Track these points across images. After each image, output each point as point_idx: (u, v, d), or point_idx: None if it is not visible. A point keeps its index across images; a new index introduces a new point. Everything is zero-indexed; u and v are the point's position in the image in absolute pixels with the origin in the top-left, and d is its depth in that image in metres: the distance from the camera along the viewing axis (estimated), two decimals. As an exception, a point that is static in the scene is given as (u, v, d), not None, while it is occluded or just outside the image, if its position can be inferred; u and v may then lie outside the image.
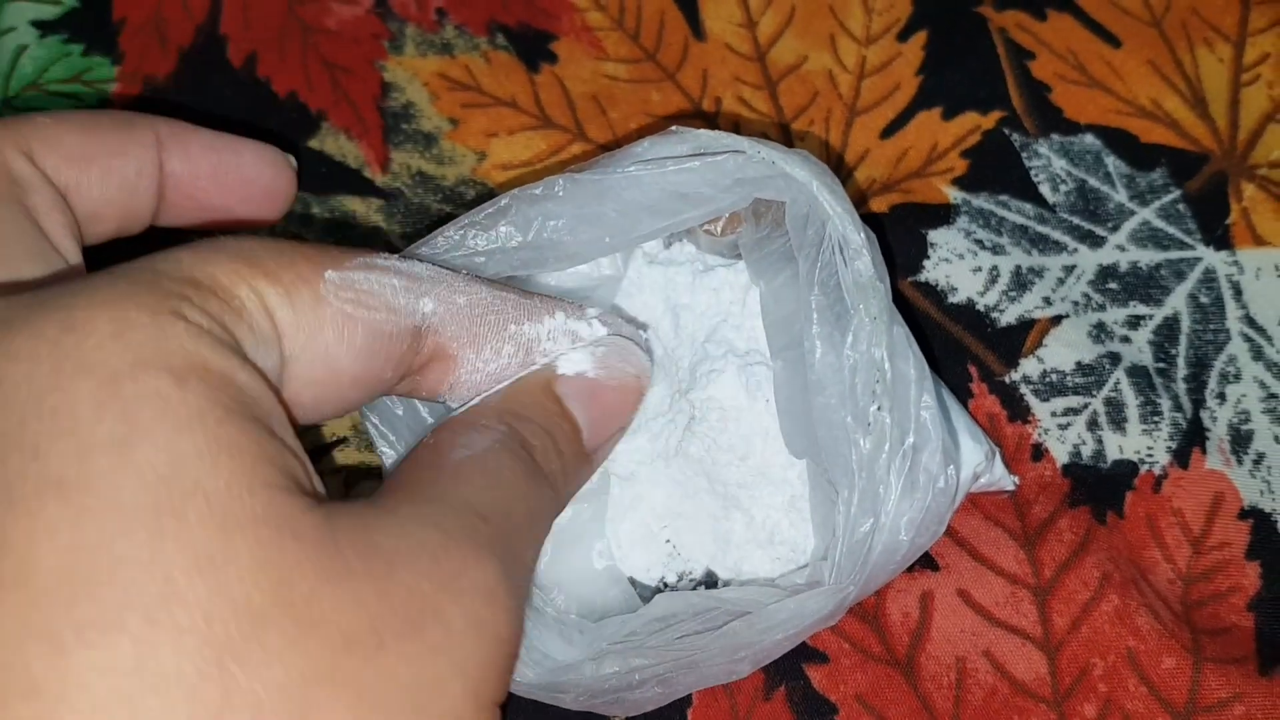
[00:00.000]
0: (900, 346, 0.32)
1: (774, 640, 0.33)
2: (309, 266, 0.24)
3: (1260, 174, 0.47)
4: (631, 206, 0.35)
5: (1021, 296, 0.45)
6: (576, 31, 0.51)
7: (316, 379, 0.24)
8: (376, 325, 0.25)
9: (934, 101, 0.49)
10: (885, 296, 0.33)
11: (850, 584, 0.32)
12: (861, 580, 0.32)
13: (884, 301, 0.33)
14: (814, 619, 0.32)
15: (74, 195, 0.26)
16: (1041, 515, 0.42)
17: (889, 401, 0.31)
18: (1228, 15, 0.51)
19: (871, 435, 0.32)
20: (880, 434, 0.31)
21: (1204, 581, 0.41)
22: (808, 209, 0.34)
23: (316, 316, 0.23)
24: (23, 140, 0.25)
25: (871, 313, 0.32)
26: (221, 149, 0.28)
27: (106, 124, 0.26)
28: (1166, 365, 0.44)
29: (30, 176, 0.25)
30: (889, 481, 0.31)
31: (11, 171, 0.24)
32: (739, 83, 0.50)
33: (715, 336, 0.42)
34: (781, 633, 0.32)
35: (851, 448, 0.32)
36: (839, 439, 0.33)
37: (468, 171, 0.48)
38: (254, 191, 0.29)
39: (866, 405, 0.32)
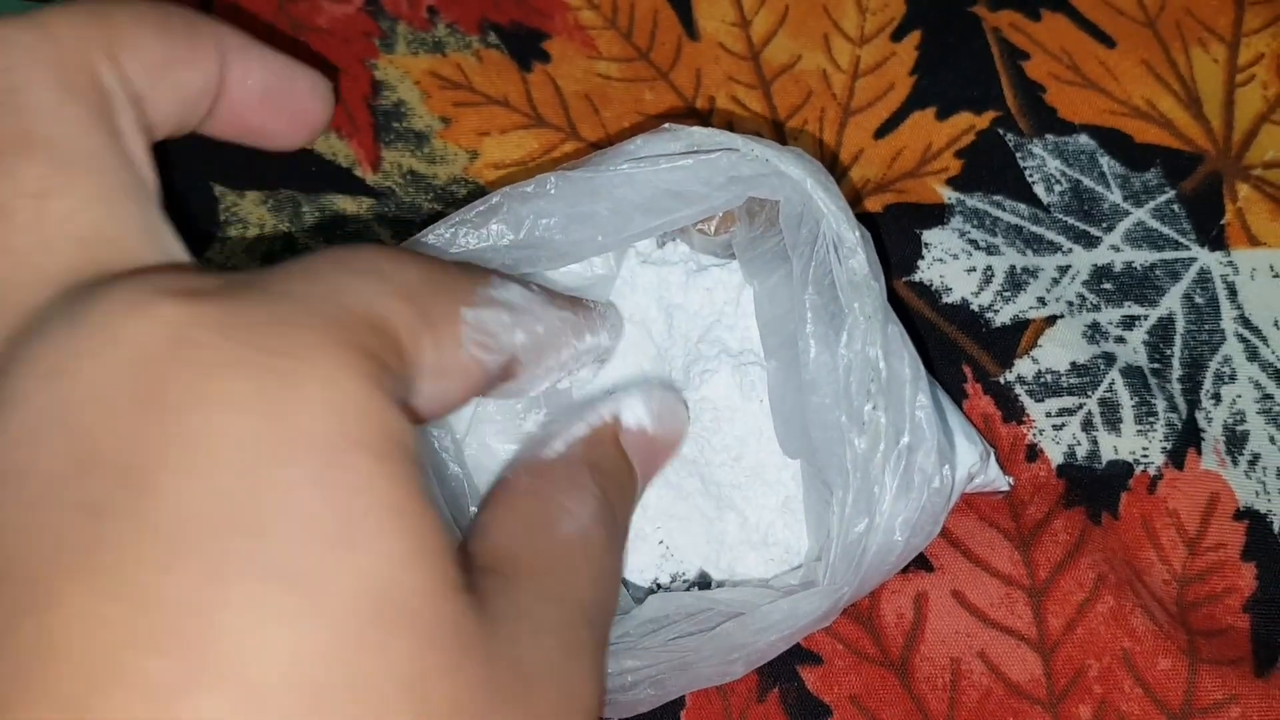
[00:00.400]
0: (895, 345, 0.32)
1: (768, 641, 0.32)
2: (450, 302, 0.23)
3: (1255, 174, 0.47)
4: (624, 205, 0.34)
5: (1016, 297, 0.45)
6: (569, 30, 0.50)
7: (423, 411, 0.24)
8: (490, 366, 0.24)
9: (928, 101, 0.49)
10: (880, 295, 0.33)
11: (845, 585, 0.32)
12: (856, 581, 0.32)
13: (878, 300, 0.32)
14: (808, 620, 0.32)
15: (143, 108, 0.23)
16: (1036, 516, 0.42)
17: (884, 400, 0.31)
18: (1222, 16, 0.50)
19: (866, 435, 0.31)
20: (875, 433, 0.31)
21: (1200, 582, 0.41)
22: (801, 208, 0.34)
23: (454, 360, 0.23)
24: (108, 41, 0.22)
25: (866, 311, 0.32)
26: (279, 72, 0.26)
27: (179, 27, 0.24)
28: (1161, 366, 0.44)
29: (117, 90, 0.22)
30: (884, 481, 0.31)
31: (102, 83, 0.22)
32: (732, 82, 0.49)
33: (709, 336, 0.42)
34: (775, 634, 0.32)
35: (846, 447, 0.32)
36: (833, 439, 0.32)
37: (459, 170, 0.48)
38: (296, 121, 0.27)
39: (861, 405, 0.32)
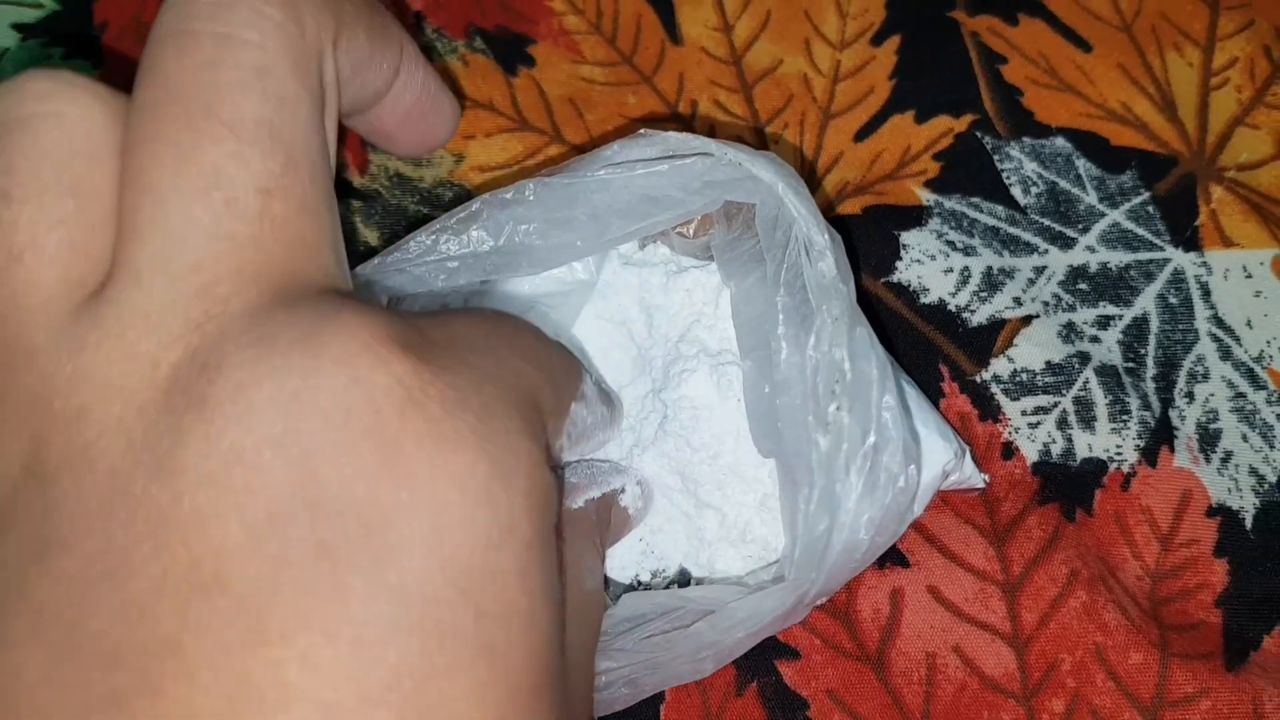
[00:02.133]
0: (862, 347, 0.33)
1: (735, 639, 0.33)
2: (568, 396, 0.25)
3: (1229, 176, 0.48)
4: (602, 210, 0.35)
5: (992, 297, 0.46)
6: (554, 35, 0.51)
7: None
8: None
9: (907, 105, 0.50)
10: (848, 297, 0.33)
11: (807, 582, 0.32)
12: (820, 578, 0.32)
13: (846, 302, 0.33)
14: (772, 616, 0.33)
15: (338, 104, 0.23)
16: (1011, 513, 0.42)
17: (849, 401, 0.32)
18: (1196, 20, 0.51)
19: (830, 435, 0.32)
20: (839, 433, 0.32)
21: (1172, 578, 0.42)
22: (776, 211, 0.35)
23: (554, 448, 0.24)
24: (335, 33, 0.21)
25: (834, 313, 0.33)
26: (433, 91, 0.26)
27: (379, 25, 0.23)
28: (1135, 365, 0.45)
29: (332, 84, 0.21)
30: (849, 480, 0.31)
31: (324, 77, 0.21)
32: (715, 86, 0.50)
33: (688, 336, 0.43)
34: (742, 630, 0.33)
35: (811, 447, 0.32)
36: (800, 438, 0.33)
37: (445, 174, 0.49)
38: (425, 137, 0.27)
39: (826, 405, 0.32)
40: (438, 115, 0.27)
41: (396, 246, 0.36)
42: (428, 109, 0.26)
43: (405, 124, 0.26)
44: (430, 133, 0.27)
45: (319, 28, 0.21)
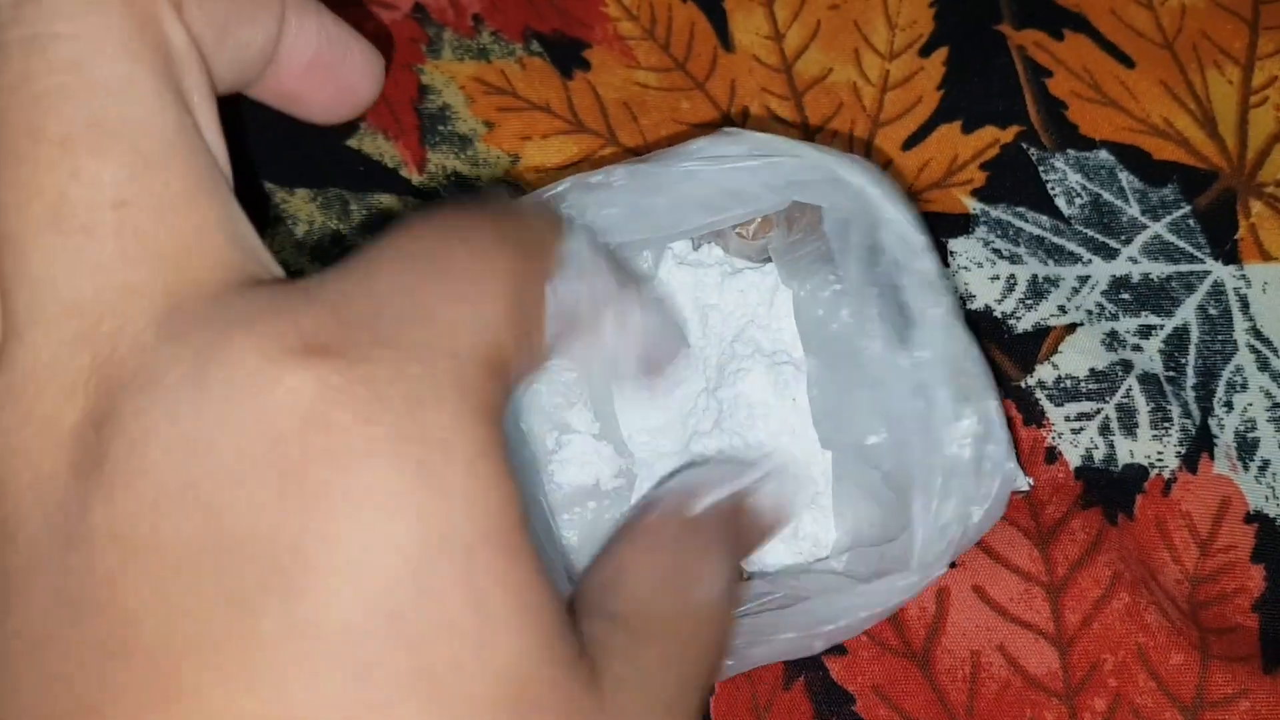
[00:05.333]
0: (969, 343, 0.34)
1: (858, 619, 0.34)
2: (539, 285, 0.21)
3: (1268, 192, 0.49)
4: (684, 200, 0.36)
5: (1037, 305, 0.47)
6: (609, 40, 0.52)
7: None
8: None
9: (954, 115, 0.51)
10: (953, 294, 0.35)
11: (937, 567, 0.34)
12: (944, 564, 0.34)
13: (953, 299, 0.34)
14: (902, 596, 0.34)
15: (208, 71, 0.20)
16: (1055, 515, 0.43)
17: (963, 394, 0.33)
18: (1237, 39, 0.52)
19: (950, 426, 0.33)
20: (956, 424, 0.33)
21: (1211, 582, 0.43)
22: (848, 215, 0.36)
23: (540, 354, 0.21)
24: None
25: (944, 306, 0.34)
26: (334, 38, 0.23)
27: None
28: (1176, 374, 0.46)
29: (185, 50, 0.19)
30: (963, 468, 0.33)
31: (169, 42, 0.18)
32: (766, 93, 0.51)
33: (742, 336, 0.44)
34: (866, 611, 0.34)
35: (925, 436, 0.34)
36: (910, 430, 0.34)
37: (501, 174, 0.50)
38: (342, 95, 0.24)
39: (944, 398, 0.33)
40: (348, 66, 0.24)
41: None
42: (334, 61, 0.23)
43: (311, 82, 0.23)
44: (346, 89, 0.24)
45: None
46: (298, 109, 0.24)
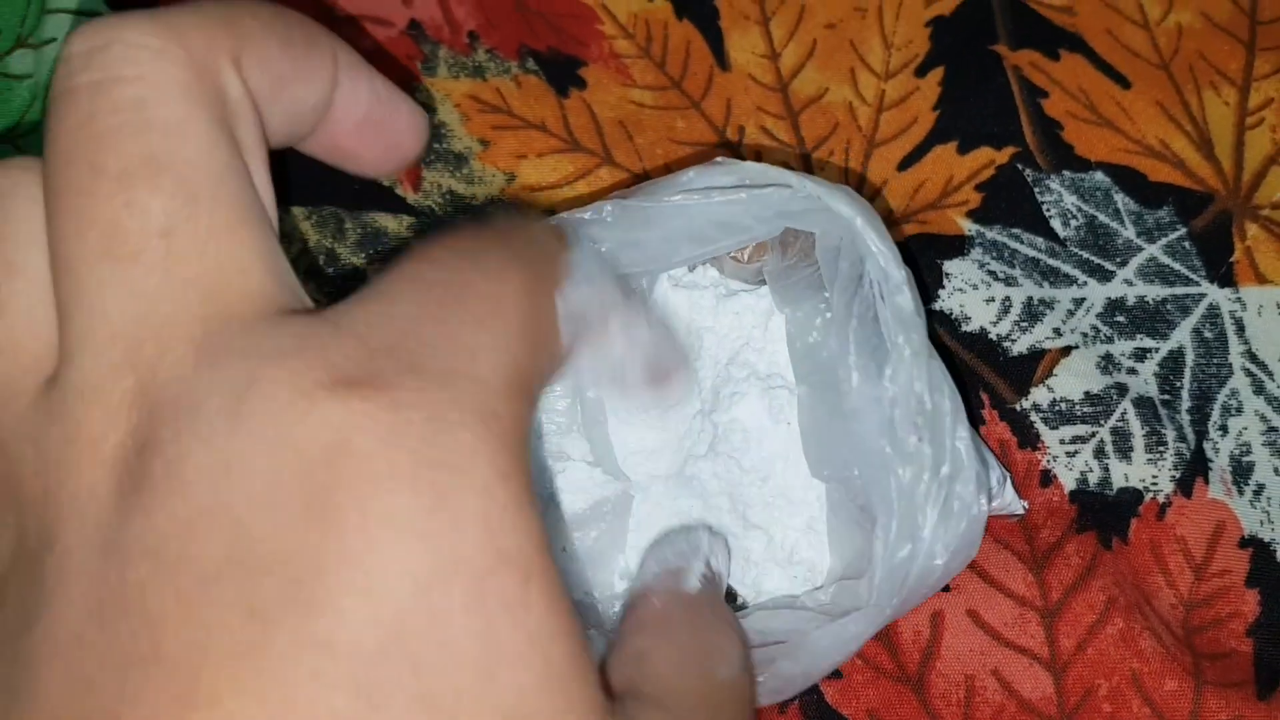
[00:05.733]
0: (937, 379, 0.34)
1: (820, 669, 0.34)
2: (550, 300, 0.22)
3: (1263, 214, 0.49)
4: (674, 233, 0.36)
5: (1033, 327, 0.47)
6: (605, 58, 0.52)
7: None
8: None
9: (950, 136, 0.51)
10: (924, 331, 0.35)
11: (889, 607, 0.33)
12: (899, 602, 0.33)
13: (923, 336, 0.34)
14: (858, 643, 0.34)
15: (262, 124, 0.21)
16: (1050, 539, 0.43)
17: (927, 433, 0.33)
18: (1233, 60, 0.52)
19: (911, 464, 0.33)
20: (919, 464, 0.33)
21: (1205, 607, 0.43)
22: (839, 242, 0.36)
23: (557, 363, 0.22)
24: (236, 49, 0.20)
25: (913, 346, 0.34)
26: (384, 97, 0.24)
27: (300, 39, 0.22)
28: (1171, 397, 0.46)
29: (241, 101, 0.20)
30: (925, 509, 0.33)
31: (225, 92, 0.20)
32: (761, 112, 0.51)
33: (738, 359, 0.44)
34: (828, 660, 0.34)
35: (890, 475, 0.33)
36: (876, 466, 0.34)
37: (497, 192, 0.49)
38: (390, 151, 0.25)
39: (906, 435, 0.33)
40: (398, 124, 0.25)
41: None
42: (384, 118, 0.25)
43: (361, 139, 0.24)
44: (396, 145, 0.25)
45: (210, 44, 0.20)
46: (348, 163, 0.25)
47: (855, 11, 0.54)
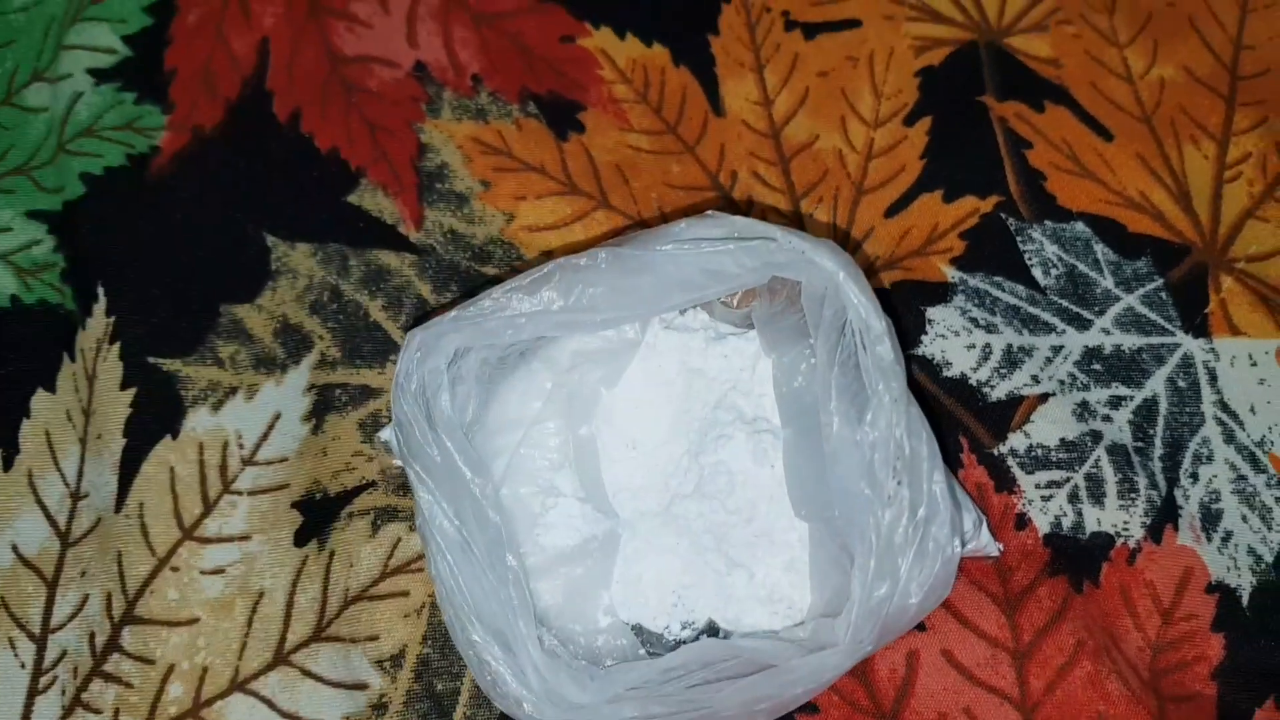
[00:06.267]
0: (915, 426, 0.35)
1: (793, 694, 0.36)
2: None
3: (1239, 267, 0.51)
4: (665, 280, 0.38)
5: (1012, 374, 0.48)
6: (603, 103, 0.54)
7: None
8: None
9: (936, 184, 0.52)
10: (904, 379, 0.36)
11: (867, 642, 0.35)
12: (876, 640, 0.35)
13: (902, 384, 0.36)
14: (833, 674, 0.35)
15: None
16: (1023, 582, 0.45)
17: (906, 477, 0.35)
18: (1213, 115, 0.54)
19: (890, 508, 0.35)
20: (897, 507, 0.35)
21: (1172, 650, 0.44)
22: (824, 290, 0.38)
23: None
24: None
25: (892, 394, 0.35)
26: None
27: None
28: (1144, 444, 0.47)
29: None
30: (903, 550, 0.34)
31: None
32: (754, 158, 0.53)
33: (724, 403, 0.45)
34: (802, 687, 0.35)
35: (869, 517, 0.35)
36: (856, 508, 0.36)
37: (496, 231, 0.51)
38: None
39: (885, 479, 0.35)
40: None
41: (471, 302, 0.39)
42: None
43: None
44: None
45: None
46: None
47: (847, 60, 0.55)
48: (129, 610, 0.45)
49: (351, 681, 0.44)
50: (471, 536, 0.38)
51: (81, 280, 0.50)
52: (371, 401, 0.48)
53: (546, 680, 0.37)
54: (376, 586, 0.45)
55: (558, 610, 0.43)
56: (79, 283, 0.50)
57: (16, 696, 0.44)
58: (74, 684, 0.44)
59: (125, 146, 0.53)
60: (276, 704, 0.44)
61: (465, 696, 0.44)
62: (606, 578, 0.44)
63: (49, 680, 0.44)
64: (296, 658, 0.44)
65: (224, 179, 0.53)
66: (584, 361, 0.45)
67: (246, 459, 0.47)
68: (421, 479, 0.39)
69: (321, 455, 0.47)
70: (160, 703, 0.44)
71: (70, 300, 0.50)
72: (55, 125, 0.54)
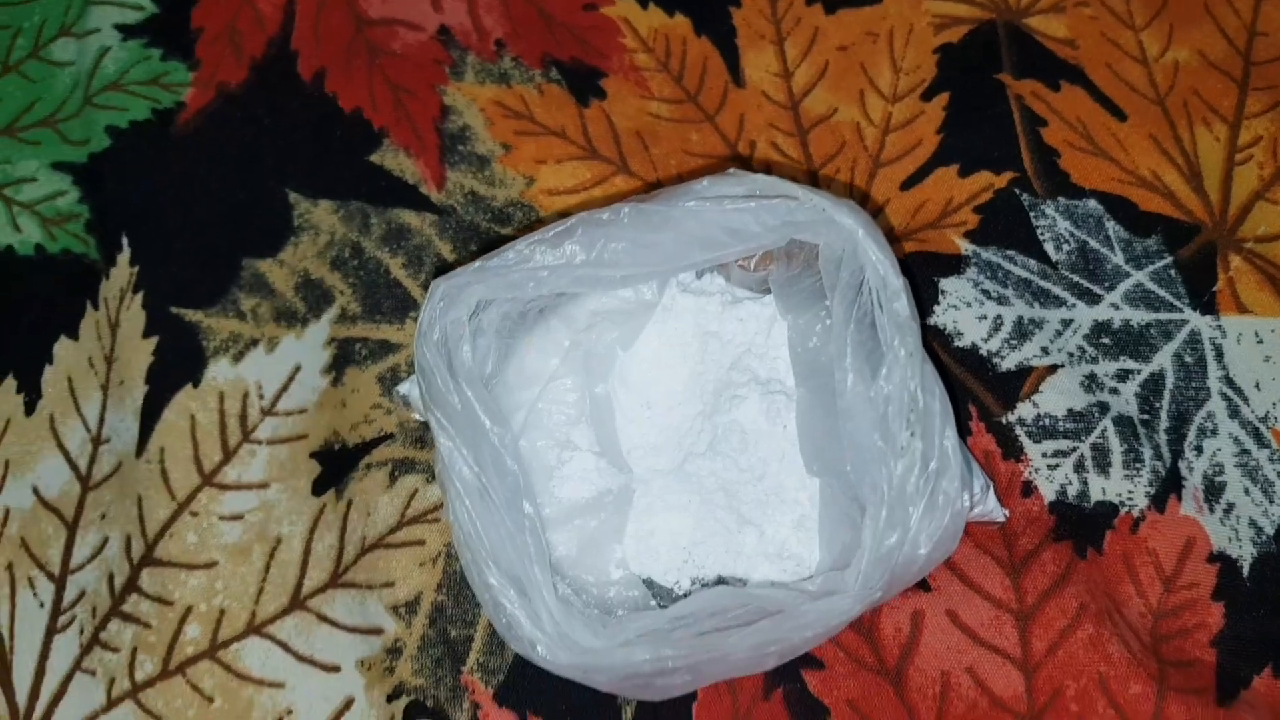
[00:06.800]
0: (929, 382, 0.36)
1: (804, 637, 0.36)
2: None
3: (1247, 247, 0.51)
4: (686, 237, 0.38)
5: (1022, 345, 0.49)
6: (625, 70, 0.55)
7: None
8: None
9: (952, 159, 0.53)
10: (919, 335, 0.37)
11: (877, 589, 0.36)
12: (885, 586, 0.36)
13: (918, 340, 0.37)
14: (842, 619, 0.36)
15: None
16: (1028, 547, 0.46)
17: (920, 428, 0.35)
18: (1226, 98, 0.55)
19: (903, 459, 0.36)
20: (910, 458, 0.35)
21: (1173, 617, 0.45)
22: (841, 252, 0.38)
23: None
24: None
25: (908, 349, 0.36)
26: None
27: None
28: (1150, 417, 0.48)
29: None
30: (914, 501, 0.35)
31: None
32: (773, 129, 0.54)
33: (739, 364, 0.46)
34: (812, 630, 0.36)
35: (882, 468, 0.36)
36: (869, 461, 0.36)
37: (516, 194, 0.52)
38: None
39: (899, 432, 0.36)
40: None
41: (495, 254, 0.39)
42: None
43: None
44: None
45: None
46: None
47: (867, 35, 0.56)
48: (148, 552, 0.46)
49: (367, 626, 0.45)
50: (490, 483, 0.39)
51: (106, 230, 0.51)
52: (391, 356, 0.49)
53: (560, 624, 0.38)
54: (393, 535, 0.46)
55: (571, 561, 0.44)
56: (103, 233, 0.51)
57: (35, 635, 0.45)
58: (92, 623, 0.45)
59: (151, 101, 0.54)
60: (292, 647, 0.44)
61: (479, 643, 0.45)
62: (620, 531, 0.45)
63: (68, 619, 0.45)
64: (313, 603, 0.45)
65: (248, 136, 0.53)
66: (601, 321, 0.46)
67: (266, 409, 0.48)
68: (442, 425, 0.39)
69: (340, 407, 0.48)
70: (178, 643, 0.44)
71: (94, 250, 0.51)
72: (82, 79, 0.55)
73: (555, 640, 0.38)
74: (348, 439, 0.48)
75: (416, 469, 0.47)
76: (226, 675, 0.44)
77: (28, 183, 0.52)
